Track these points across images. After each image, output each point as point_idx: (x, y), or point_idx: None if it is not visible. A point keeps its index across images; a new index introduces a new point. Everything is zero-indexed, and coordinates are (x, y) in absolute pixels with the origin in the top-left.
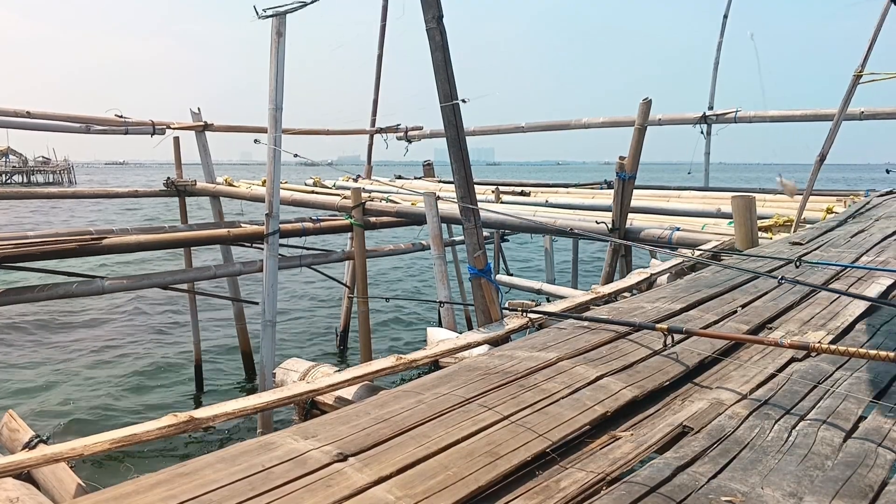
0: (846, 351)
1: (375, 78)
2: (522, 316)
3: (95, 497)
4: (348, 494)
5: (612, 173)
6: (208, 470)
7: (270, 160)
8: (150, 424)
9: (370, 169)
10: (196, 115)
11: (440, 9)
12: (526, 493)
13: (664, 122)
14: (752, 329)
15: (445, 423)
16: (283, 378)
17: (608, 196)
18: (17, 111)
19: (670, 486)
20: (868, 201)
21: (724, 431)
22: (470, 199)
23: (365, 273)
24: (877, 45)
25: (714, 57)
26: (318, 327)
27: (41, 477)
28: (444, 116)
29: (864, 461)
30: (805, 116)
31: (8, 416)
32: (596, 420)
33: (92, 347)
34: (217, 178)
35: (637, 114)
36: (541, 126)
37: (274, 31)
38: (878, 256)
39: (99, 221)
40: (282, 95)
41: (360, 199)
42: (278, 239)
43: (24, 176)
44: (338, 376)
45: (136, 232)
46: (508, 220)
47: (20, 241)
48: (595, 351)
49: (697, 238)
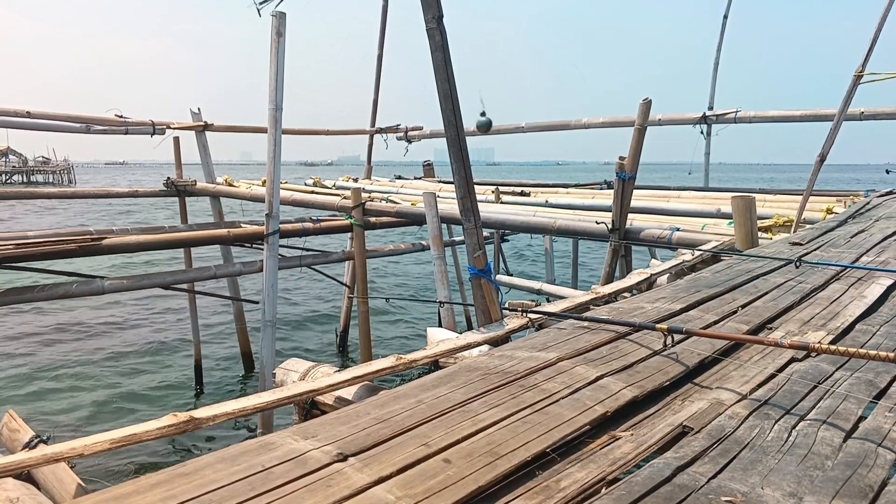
0: (846, 351)
1: (375, 78)
2: (522, 316)
3: (95, 497)
4: (348, 494)
5: (612, 173)
6: (208, 470)
7: (270, 160)
8: (150, 424)
9: (370, 169)
10: (196, 115)
11: (440, 9)
12: (526, 493)
13: (664, 123)
14: (752, 329)
15: (445, 423)
16: (283, 378)
17: (608, 196)
18: (17, 111)
19: (670, 487)
20: (868, 201)
21: (724, 431)
22: (470, 199)
23: (365, 273)
24: (877, 45)
25: (714, 57)
26: (318, 327)
27: (41, 477)
28: (444, 116)
29: (864, 461)
30: (805, 117)
31: (8, 416)
32: (596, 420)
33: (92, 347)
34: (217, 178)
35: (637, 114)
36: (541, 126)
37: (274, 30)
38: (878, 256)
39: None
40: (282, 95)
41: (360, 199)
42: (278, 239)
43: (24, 176)
44: (338, 376)
45: (136, 232)
46: (508, 219)
47: (20, 241)
48: (595, 351)
49: (697, 238)
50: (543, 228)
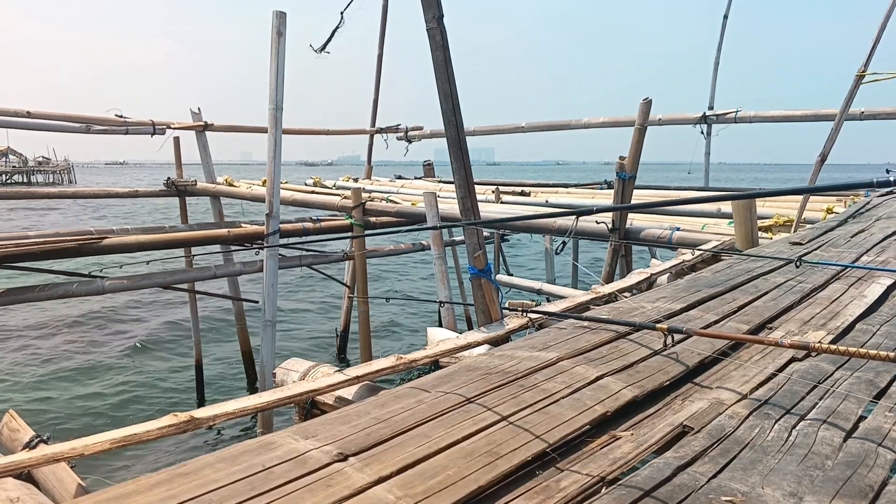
0: (846, 351)
1: (376, 78)
2: (522, 316)
3: (95, 497)
4: (348, 494)
5: (612, 173)
6: (208, 470)
7: (270, 160)
8: (150, 424)
9: (370, 169)
10: (196, 114)
11: (440, 8)
12: (526, 493)
13: (664, 122)
14: (752, 329)
15: (445, 423)
16: (283, 378)
17: (608, 196)
18: (18, 111)
19: (670, 486)
20: (868, 201)
21: (725, 431)
22: (470, 199)
23: (365, 273)
24: (879, 45)
25: (714, 57)
26: (318, 327)
27: (41, 477)
28: (444, 116)
29: (865, 461)
30: (805, 116)
31: (8, 416)
32: (596, 420)
33: (92, 347)
34: (217, 178)
35: (637, 114)
36: (541, 126)
37: (274, 30)
38: (878, 256)
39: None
40: (282, 95)
41: (360, 199)
42: (278, 239)
43: (24, 176)
44: (338, 376)
45: (136, 232)
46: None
47: (20, 241)
48: (595, 351)
49: (697, 238)
50: (543, 228)
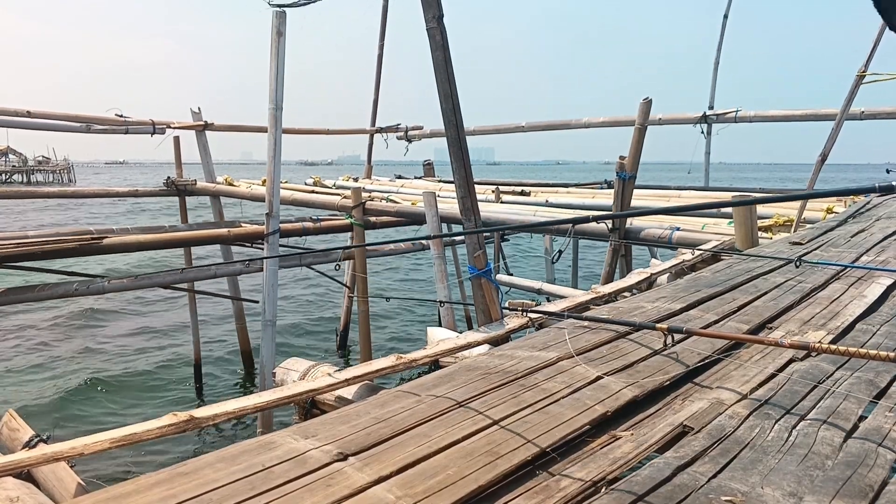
0: (846, 351)
1: (376, 78)
2: (522, 316)
3: (95, 496)
4: (348, 494)
5: (613, 173)
6: (208, 469)
7: (270, 160)
8: (150, 424)
9: (370, 168)
10: (196, 114)
11: (440, 8)
12: (526, 493)
13: (664, 122)
14: (752, 329)
15: (445, 423)
16: (283, 377)
17: (608, 196)
18: (18, 111)
19: (670, 486)
20: (868, 201)
21: (725, 431)
22: (470, 198)
23: (365, 273)
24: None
25: (714, 57)
26: (318, 327)
27: (41, 476)
28: (444, 116)
29: (865, 461)
30: (806, 116)
31: (8, 416)
32: (596, 420)
33: (92, 347)
34: (217, 178)
35: (637, 114)
36: (541, 126)
37: (274, 30)
38: (878, 256)
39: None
40: (282, 95)
41: (360, 199)
42: (278, 239)
43: (24, 175)
44: (338, 376)
45: (136, 231)
46: (508, 219)
47: (20, 241)
48: (595, 350)
49: (697, 238)
50: (543, 228)
